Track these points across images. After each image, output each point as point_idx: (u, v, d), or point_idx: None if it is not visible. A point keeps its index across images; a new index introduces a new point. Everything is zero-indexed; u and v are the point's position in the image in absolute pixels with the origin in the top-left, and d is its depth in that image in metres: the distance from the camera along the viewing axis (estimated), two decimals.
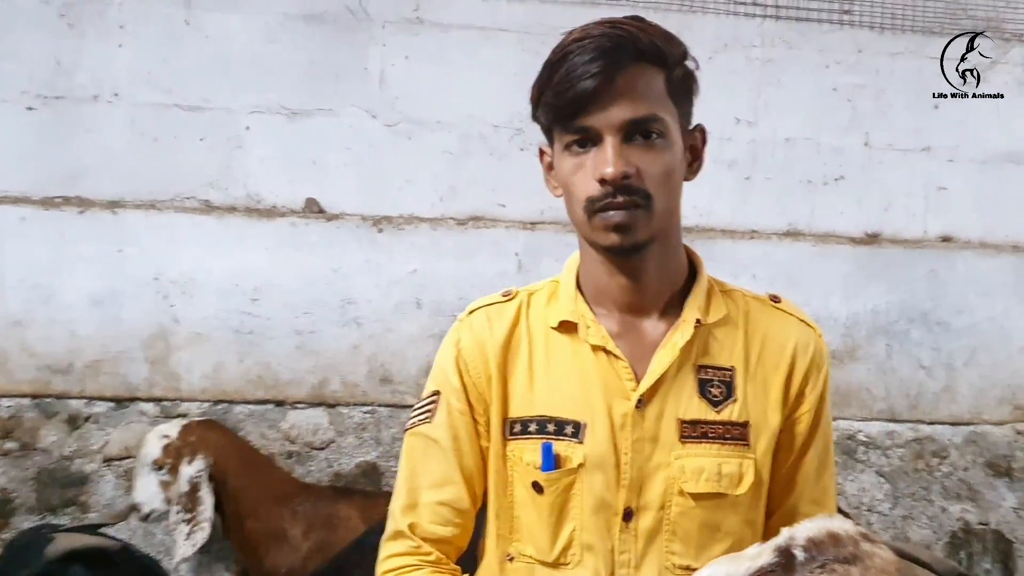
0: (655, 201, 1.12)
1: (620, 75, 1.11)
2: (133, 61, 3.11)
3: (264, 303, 3.09)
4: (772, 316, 1.25)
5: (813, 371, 1.23)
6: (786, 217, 3.30)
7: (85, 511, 3.11)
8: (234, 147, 3.16)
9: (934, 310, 3.29)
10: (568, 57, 1.12)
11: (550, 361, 1.22)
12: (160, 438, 2.60)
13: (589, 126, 1.12)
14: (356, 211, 3.17)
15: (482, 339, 1.24)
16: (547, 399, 1.21)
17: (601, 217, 1.12)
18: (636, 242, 1.14)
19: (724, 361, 1.21)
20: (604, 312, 1.22)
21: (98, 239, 3.05)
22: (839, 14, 3.34)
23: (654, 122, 1.13)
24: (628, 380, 1.19)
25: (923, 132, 3.36)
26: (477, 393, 1.24)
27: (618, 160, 1.11)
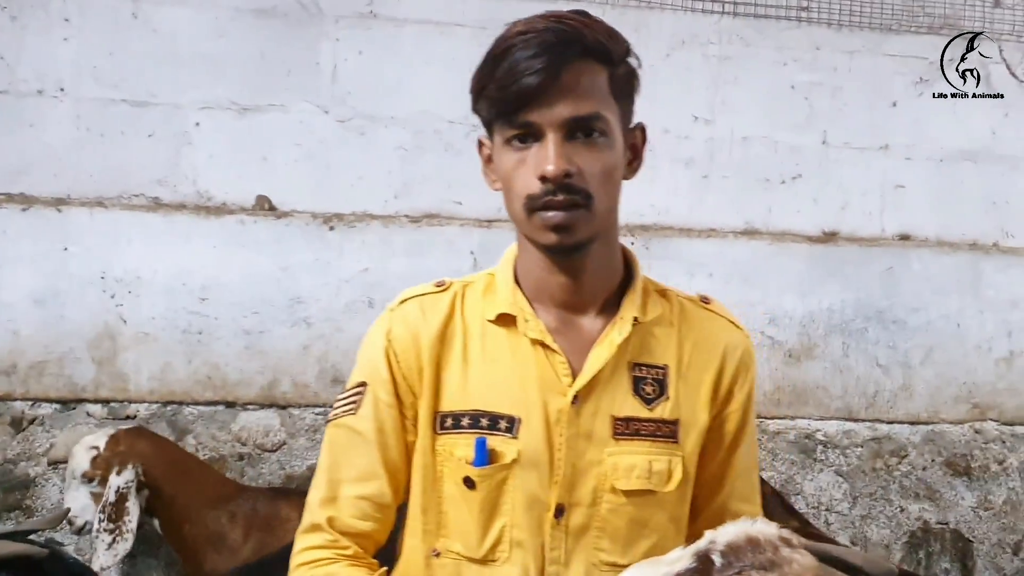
0: (596, 201, 1.12)
1: (564, 71, 1.09)
2: (79, 55, 3.05)
3: (212, 302, 3.04)
4: (704, 317, 1.27)
5: (742, 371, 1.25)
6: (743, 215, 3.29)
7: (30, 515, 3.04)
8: (183, 143, 3.10)
9: (890, 308, 3.29)
10: (512, 51, 1.10)
11: (486, 354, 1.21)
12: (88, 450, 2.53)
13: (531, 122, 1.11)
14: (307, 208, 3.12)
15: (415, 330, 1.22)
16: (482, 393, 1.19)
17: (541, 216, 1.12)
18: (576, 242, 1.13)
19: (658, 359, 1.22)
20: (542, 307, 1.21)
21: (42, 237, 2.99)
22: (796, 11, 3.33)
23: (597, 120, 1.12)
24: (565, 376, 1.18)
25: (880, 130, 3.36)
26: (407, 386, 1.22)
27: (559, 158, 1.10)
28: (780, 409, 3.23)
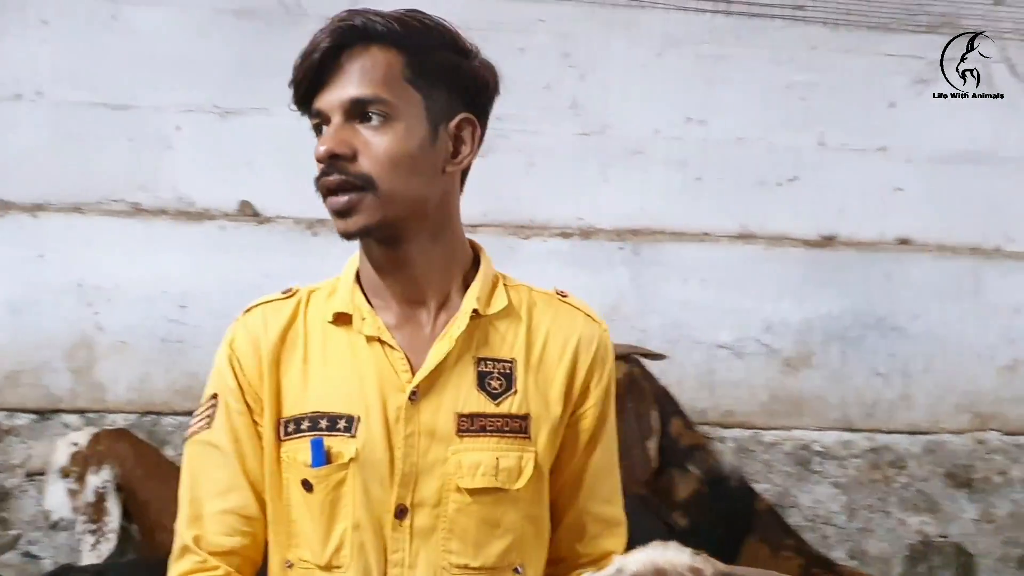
0: (380, 184, 1.10)
1: (346, 55, 1.11)
2: (56, 58, 2.99)
3: (192, 310, 2.98)
4: (558, 310, 1.23)
5: (597, 365, 1.22)
6: (738, 219, 3.21)
7: (7, 527, 2.98)
8: (164, 148, 3.04)
9: (890, 315, 3.20)
10: (312, 40, 1.13)
11: (326, 356, 1.18)
12: (69, 446, 2.51)
13: (319, 109, 1.13)
14: (290, 214, 3.05)
15: (256, 337, 1.20)
16: (321, 394, 1.17)
17: (328, 201, 1.13)
18: (360, 227, 1.11)
19: (505, 353, 1.19)
20: (382, 305, 1.19)
21: (17, 244, 2.94)
22: (792, 10, 3.26)
23: (378, 103, 1.10)
24: (404, 372, 1.16)
25: (879, 131, 3.28)
26: (253, 392, 1.19)
27: (329, 139, 1.11)
28: (776, 419, 3.15)
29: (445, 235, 1.19)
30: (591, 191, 3.17)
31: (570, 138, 3.16)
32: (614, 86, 3.17)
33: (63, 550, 2.92)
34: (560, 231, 3.13)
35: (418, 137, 1.13)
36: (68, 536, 2.96)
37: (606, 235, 3.13)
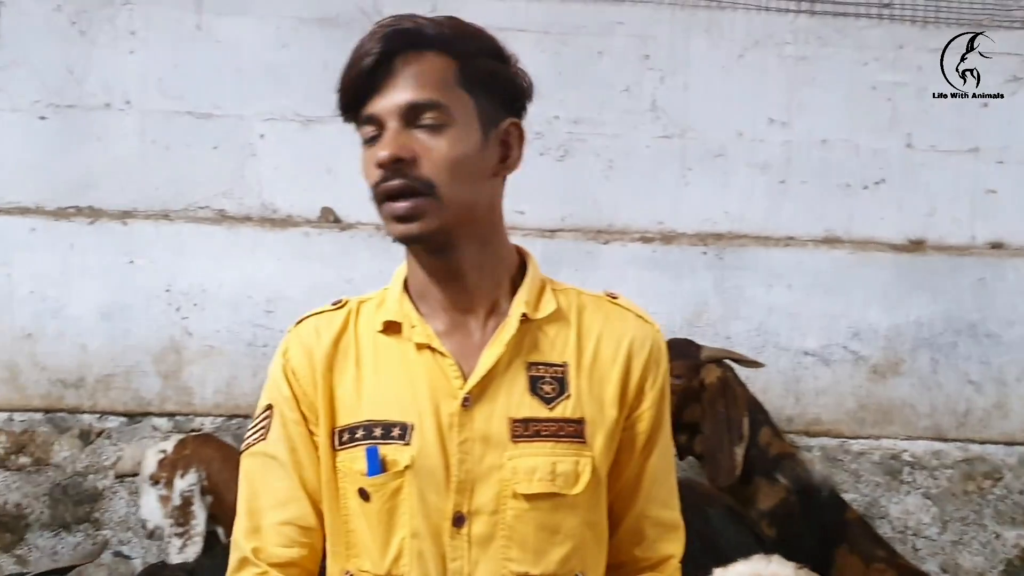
0: (441, 189, 1.10)
1: (402, 59, 1.10)
2: (144, 68, 3.05)
3: (277, 315, 3.01)
4: (608, 312, 1.23)
5: (652, 367, 1.21)
6: (823, 223, 3.14)
7: (98, 528, 3.05)
8: (248, 155, 3.09)
9: (983, 321, 3.10)
10: (355, 50, 1.13)
11: (377, 365, 1.19)
12: (157, 453, 2.57)
13: (372, 114, 1.12)
14: (371, 220, 3.06)
15: (309, 347, 1.20)
16: (373, 403, 1.17)
17: (385, 207, 1.12)
18: (422, 232, 1.11)
19: (556, 357, 1.19)
20: (430, 312, 1.19)
21: (108, 250, 3.00)
22: (878, 8, 3.17)
23: (435, 108, 1.10)
24: (455, 378, 1.16)
25: (969, 132, 3.17)
26: (308, 402, 1.20)
27: (390, 144, 1.10)
28: (864, 428, 3.07)
29: (493, 241, 1.19)
30: (672, 195, 3.13)
31: (650, 141, 3.13)
32: (695, 88, 3.13)
33: (153, 550, 2.98)
34: (640, 236, 3.10)
35: (472, 142, 1.13)
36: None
37: (688, 239, 3.09)
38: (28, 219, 3.00)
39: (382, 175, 1.10)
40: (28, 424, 3.02)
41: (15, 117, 3.02)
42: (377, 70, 1.10)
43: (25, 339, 3.00)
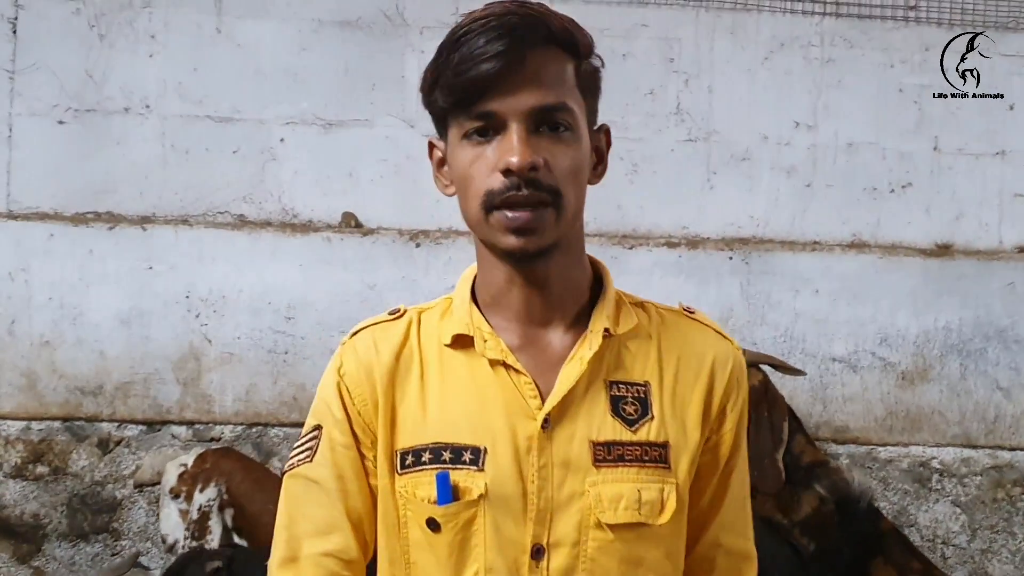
0: (564, 200, 1.01)
1: (528, 57, 0.99)
2: (164, 71, 3.02)
3: (298, 321, 2.97)
4: (688, 328, 1.14)
5: (734, 387, 1.13)
6: (850, 227, 3.10)
7: (117, 538, 3.01)
8: (268, 159, 3.05)
9: (1012, 327, 3.06)
10: (470, 36, 1.00)
11: (445, 382, 1.09)
12: (178, 467, 2.55)
13: (493, 111, 1.00)
14: (393, 225, 3.04)
15: (367, 362, 1.10)
16: (441, 424, 1.07)
17: (501, 216, 1.01)
18: (540, 247, 1.02)
19: (638, 376, 1.10)
20: (503, 324, 1.09)
21: (127, 256, 2.97)
22: (904, 10, 3.14)
23: (564, 112, 1.02)
24: (532, 398, 1.06)
25: (997, 135, 3.15)
26: (363, 423, 1.10)
27: (526, 149, 0.99)
28: (893, 435, 3.03)
29: (578, 250, 1.10)
30: (697, 199, 3.10)
31: (675, 144, 3.10)
32: (720, 91, 3.10)
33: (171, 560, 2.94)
34: (665, 240, 3.06)
35: (586, 148, 1.05)
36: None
37: (714, 244, 3.05)
38: (47, 225, 2.97)
39: (506, 182, 1.00)
40: (46, 433, 2.99)
41: (34, 121, 2.99)
42: (504, 66, 0.98)
43: (43, 346, 2.96)
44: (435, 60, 1.03)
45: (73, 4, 3.00)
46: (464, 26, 1.01)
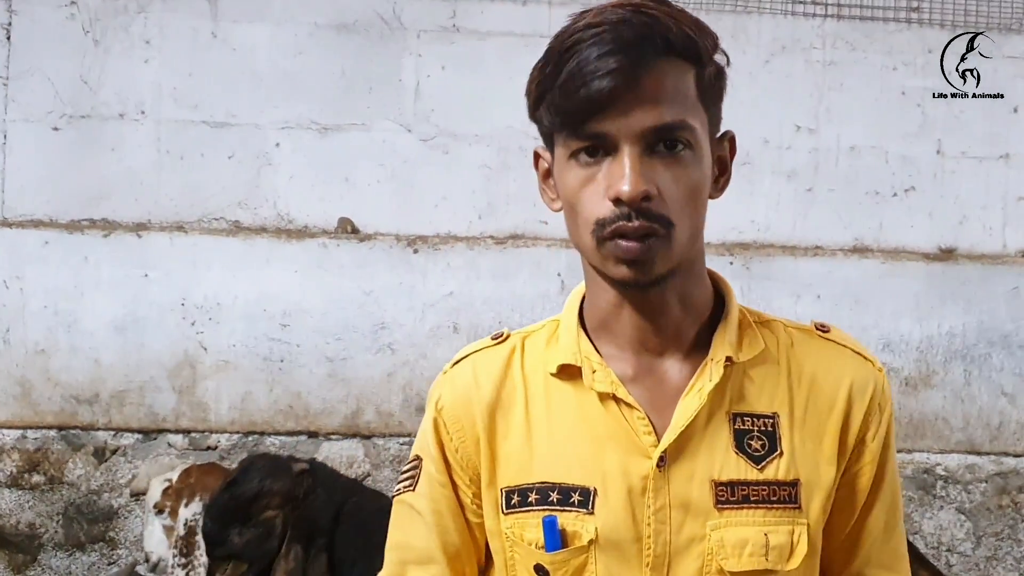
0: (677, 229, 0.93)
1: (644, 73, 0.90)
2: (159, 76, 3.00)
3: (294, 328, 2.95)
4: (821, 349, 1.04)
5: (874, 414, 1.03)
6: (852, 232, 3.07)
7: (113, 548, 2.99)
8: (263, 164, 3.03)
9: (1017, 332, 3.03)
10: (580, 48, 0.91)
11: (551, 415, 1.02)
12: (162, 482, 2.53)
13: (604, 133, 0.92)
14: (390, 230, 3.01)
15: (467, 395, 1.04)
16: (548, 462, 1.01)
17: (613, 246, 0.93)
18: (653, 278, 0.95)
19: (764, 407, 1.01)
20: (615, 353, 1.01)
21: (122, 263, 2.94)
22: (906, 12, 3.11)
23: (683, 131, 0.93)
24: (646, 434, 0.98)
25: (1000, 138, 3.11)
26: (464, 459, 1.05)
27: (638, 178, 0.91)
28: (896, 442, 2.98)
29: (696, 272, 1.01)
30: None
31: None
32: None
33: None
34: None
35: (707, 165, 0.96)
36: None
37: (715, 249, 3.02)
38: (41, 232, 2.94)
39: (616, 212, 0.92)
40: (41, 441, 2.96)
41: (28, 128, 2.96)
42: (618, 85, 0.89)
43: (38, 354, 2.94)
44: (540, 70, 0.95)
45: (67, 9, 2.97)
46: (574, 33, 0.92)
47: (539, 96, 0.95)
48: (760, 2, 3.07)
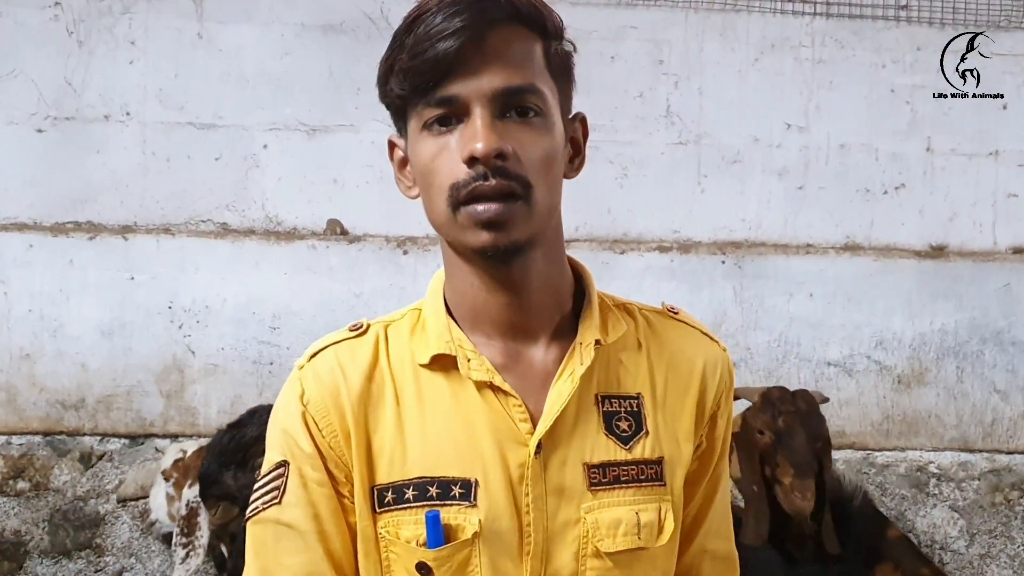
0: (535, 191, 0.91)
1: (491, 34, 0.90)
2: (144, 78, 2.96)
3: (283, 331, 2.92)
4: (675, 330, 1.06)
5: (724, 392, 1.07)
6: (843, 229, 3.06)
7: (100, 554, 2.95)
8: (251, 166, 3.00)
9: (1009, 328, 3.03)
10: (426, 16, 0.90)
11: (424, 407, 0.98)
12: (176, 452, 2.50)
13: (454, 95, 0.90)
14: (379, 232, 2.98)
15: (334, 387, 0.98)
16: (425, 456, 0.97)
17: (469, 211, 0.90)
18: (513, 242, 0.92)
19: (629, 388, 1.01)
20: (483, 340, 0.99)
21: (108, 266, 2.91)
22: (895, 10, 3.11)
23: (534, 94, 0.92)
24: (523, 421, 0.97)
25: (990, 135, 3.11)
26: (335, 457, 0.98)
27: (491, 134, 0.89)
28: (890, 440, 2.99)
29: (556, 252, 1.00)
30: (687, 202, 3.05)
31: (664, 147, 3.05)
32: (710, 93, 3.06)
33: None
34: (657, 245, 3.02)
35: (559, 136, 0.95)
36: (161, 562, 2.92)
37: (706, 248, 3.01)
38: (26, 235, 2.90)
39: (472, 173, 0.90)
40: (27, 447, 2.92)
41: (12, 130, 2.93)
42: (464, 43, 0.88)
43: (23, 359, 2.90)
44: (389, 47, 0.94)
45: (51, 10, 2.94)
46: (420, 7, 0.92)
47: (388, 68, 0.94)
48: (749, 1, 3.06)
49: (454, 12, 0.89)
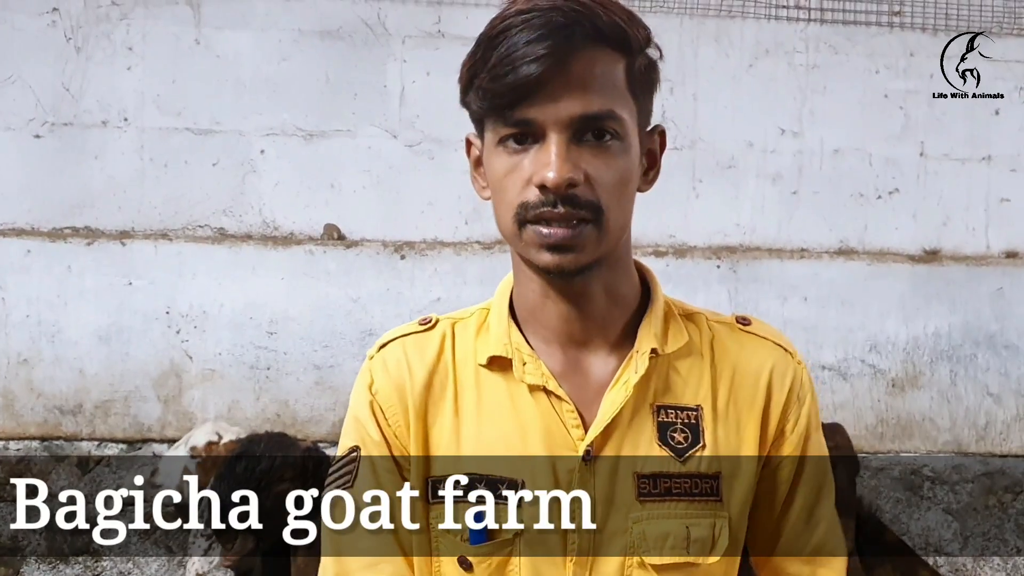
0: (607, 214, 0.92)
1: (573, 59, 0.90)
2: (142, 84, 2.98)
3: (280, 336, 2.93)
4: (743, 341, 1.04)
5: (793, 405, 1.02)
6: (837, 234, 3.09)
7: (98, 559, 2.95)
8: (248, 172, 3.01)
9: (1001, 332, 3.06)
10: (509, 33, 0.90)
11: (481, 406, 1.00)
12: (211, 432, 2.46)
13: (531, 119, 0.91)
14: (376, 236, 3.00)
15: (400, 378, 1.01)
16: (477, 453, 0.99)
17: (536, 231, 0.92)
18: (579, 266, 0.93)
19: (688, 399, 1.00)
20: (544, 345, 1.01)
21: (106, 271, 2.92)
22: (888, 16, 3.14)
23: (611, 120, 0.92)
24: (575, 427, 0.98)
25: (982, 140, 3.14)
26: (400, 446, 1.01)
27: (563, 164, 0.90)
28: (884, 443, 3.01)
29: (623, 263, 1.00)
30: (682, 207, 3.07)
31: None
32: (704, 98, 3.08)
33: None
34: (652, 249, 3.04)
35: (635, 156, 0.95)
36: (159, 567, 2.93)
37: (701, 253, 3.03)
38: (23, 241, 2.91)
39: (541, 198, 0.91)
40: (24, 452, 2.93)
41: (9, 136, 2.94)
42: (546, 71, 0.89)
43: (21, 364, 2.91)
44: (471, 56, 0.94)
45: (49, 16, 2.95)
46: (505, 19, 0.92)
47: (469, 81, 0.94)
48: (744, 6, 3.09)
49: (538, 37, 0.89)
